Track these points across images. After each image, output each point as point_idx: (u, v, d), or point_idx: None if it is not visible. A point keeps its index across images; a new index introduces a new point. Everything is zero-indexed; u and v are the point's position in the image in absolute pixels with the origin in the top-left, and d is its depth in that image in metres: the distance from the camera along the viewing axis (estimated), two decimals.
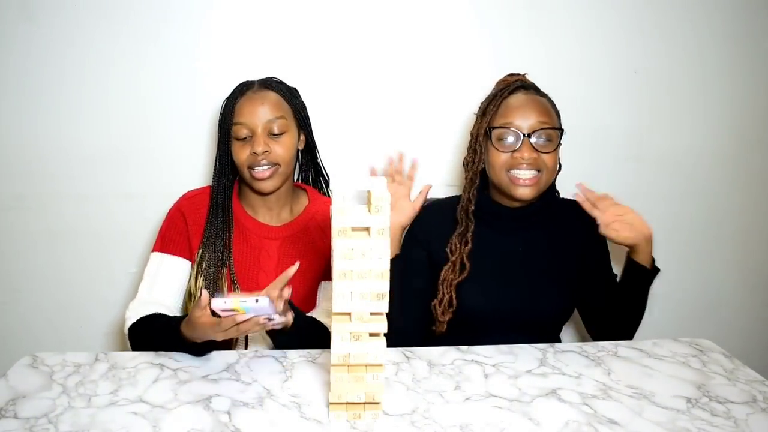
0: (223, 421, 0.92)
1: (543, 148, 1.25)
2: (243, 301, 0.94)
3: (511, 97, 1.30)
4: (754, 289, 1.90)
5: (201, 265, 1.30)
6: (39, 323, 1.72)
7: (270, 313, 1.01)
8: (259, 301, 0.94)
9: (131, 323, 1.23)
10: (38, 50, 1.55)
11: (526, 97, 1.29)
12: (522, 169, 1.25)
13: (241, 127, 1.28)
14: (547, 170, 1.26)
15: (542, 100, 1.30)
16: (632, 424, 0.93)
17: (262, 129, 1.28)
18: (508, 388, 1.03)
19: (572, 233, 1.35)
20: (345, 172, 1.63)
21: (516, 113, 1.27)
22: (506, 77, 1.37)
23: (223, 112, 1.32)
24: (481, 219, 1.34)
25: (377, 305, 0.88)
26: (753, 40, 1.71)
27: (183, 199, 1.38)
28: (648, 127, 1.74)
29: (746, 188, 1.82)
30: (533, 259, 1.33)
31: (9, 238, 1.67)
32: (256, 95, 1.30)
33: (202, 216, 1.34)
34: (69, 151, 1.62)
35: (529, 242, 1.34)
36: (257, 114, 1.28)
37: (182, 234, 1.33)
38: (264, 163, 1.28)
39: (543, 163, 1.25)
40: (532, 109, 1.27)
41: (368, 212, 0.87)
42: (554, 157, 1.27)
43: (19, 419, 0.92)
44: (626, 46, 1.68)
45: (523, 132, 1.25)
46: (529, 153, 1.25)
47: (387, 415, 0.94)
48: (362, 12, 1.60)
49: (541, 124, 1.26)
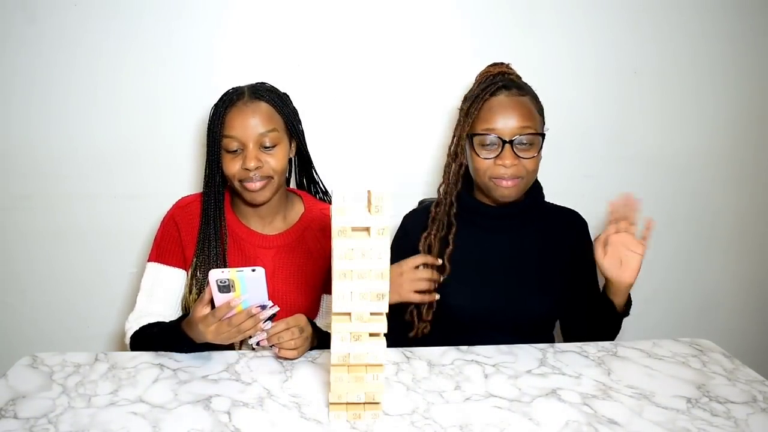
0: (223, 421, 0.92)
1: (525, 153, 1.24)
2: (240, 270, 1.01)
3: (493, 99, 1.26)
4: (754, 289, 1.90)
5: (195, 276, 1.29)
6: (39, 323, 1.72)
7: (264, 294, 1.05)
8: (255, 271, 1.01)
9: (132, 333, 1.24)
10: (40, 51, 1.56)
11: (508, 99, 1.26)
12: (503, 176, 1.25)
13: (231, 140, 1.24)
14: (528, 174, 1.26)
15: (524, 100, 1.26)
16: (632, 424, 0.93)
17: (254, 143, 1.23)
18: (508, 388, 1.03)
19: (562, 239, 1.34)
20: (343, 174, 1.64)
21: (497, 118, 1.25)
22: (488, 68, 1.34)
23: (212, 122, 1.26)
24: (465, 218, 1.33)
25: (377, 305, 0.88)
26: (748, 40, 1.71)
27: (175, 208, 1.35)
28: (644, 127, 1.74)
29: (744, 187, 1.82)
30: (520, 258, 1.32)
31: (9, 238, 1.67)
32: (247, 107, 1.25)
33: (195, 225, 1.32)
34: (72, 151, 1.62)
35: (516, 242, 1.33)
36: (249, 127, 1.23)
37: (176, 243, 1.32)
38: (256, 177, 1.24)
39: (524, 168, 1.24)
40: (513, 113, 1.24)
41: (368, 212, 0.87)
42: (536, 161, 1.25)
43: (19, 419, 0.92)
44: (625, 46, 1.68)
45: (505, 138, 1.23)
46: (510, 160, 1.23)
47: (387, 415, 0.94)
48: (354, 9, 1.60)
49: (523, 130, 1.23)
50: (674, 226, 1.81)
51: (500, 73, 1.31)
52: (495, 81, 1.28)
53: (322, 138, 1.53)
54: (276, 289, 1.31)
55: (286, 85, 1.36)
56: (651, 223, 1.22)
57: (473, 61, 1.41)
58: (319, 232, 1.37)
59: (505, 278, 1.31)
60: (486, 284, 1.30)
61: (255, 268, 1.02)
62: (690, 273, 1.86)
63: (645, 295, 1.84)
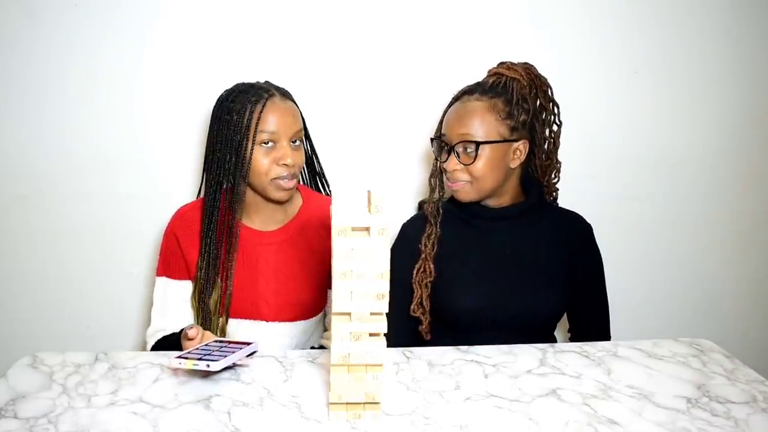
0: (223, 421, 0.92)
1: (465, 160, 1.27)
2: (195, 365, 0.97)
3: (455, 104, 1.31)
4: (754, 289, 1.90)
5: (200, 282, 1.30)
6: (39, 323, 1.72)
7: (240, 357, 1.04)
8: (210, 366, 0.96)
9: (150, 348, 1.30)
10: (39, 50, 1.55)
11: (462, 106, 1.29)
12: (449, 179, 1.30)
13: (269, 135, 1.25)
14: (477, 179, 1.27)
15: (476, 106, 1.27)
16: (632, 424, 0.93)
17: (287, 140, 1.26)
18: (508, 388, 1.03)
19: (563, 241, 1.35)
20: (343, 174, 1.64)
21: (447, 124, 1.31)
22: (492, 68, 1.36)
23: (238, 117, 1.24)
24: (465, 219, 1.35)
25: (377, 305, 0.88)
26: (752, 40, 1.71)
27: (175, 219, 1.36)
28: (647, 128, 1.74)
29: (745, 187, 1.82)
30: (520, 258, 1.32)
31: (9, 237, 1.67)
32: (283, 104, 1.27)
33: (195, 233, 1.32)
34: (70, 151, 1.62)
35: (516, 242, 1.33)
36: (287, 124, 1.26)
37: (178, 256, 1.33)
38: (289, 175, 1.27)
39: (468, 173, 1.27)
40: (458, 120, 1.28)
41: (368, 212, 0.87)
42: (481, 167, 1.26)
43: (19, 419, 0.92)
44: (625, 46, 1.68)
45: (450, 144, 1.28)
46: (452, 166, 1.28)
47: (387, 415, 0.94)
48: (356, 8, 1.60)
49: (461, 137, 1.26)
50: (674, 226, 1.81)
51: (495, 74, 1.33)
52: (466, 88, 1.32)
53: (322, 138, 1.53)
54: (281, 286, 1.32)
55: (287, 85, 1.36)
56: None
57: (476, 62, 1.42)
58: (319, 224, 1.37)
59: (506, 277, 1.31)
60: (487, 284, 1.31)
61: (210, 363, 0.96)
62: (690, 273, 1.85)
63: (645, 295, 1.84)
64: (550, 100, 1.35)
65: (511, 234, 1.33)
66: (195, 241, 1.32)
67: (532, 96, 1.30)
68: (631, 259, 1.79)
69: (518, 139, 1.29)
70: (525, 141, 1.30)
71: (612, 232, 1.50)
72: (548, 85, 1.34)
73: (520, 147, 1.29)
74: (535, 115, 1.31)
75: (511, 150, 1.29)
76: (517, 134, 1.28)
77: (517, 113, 1.28)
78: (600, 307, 1.40)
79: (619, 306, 1.47)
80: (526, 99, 1.29)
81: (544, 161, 1.39)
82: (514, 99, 1.27)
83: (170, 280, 1.35)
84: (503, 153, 1.28)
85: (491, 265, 1.32)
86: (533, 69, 1.33)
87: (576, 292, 1.35)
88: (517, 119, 1.28)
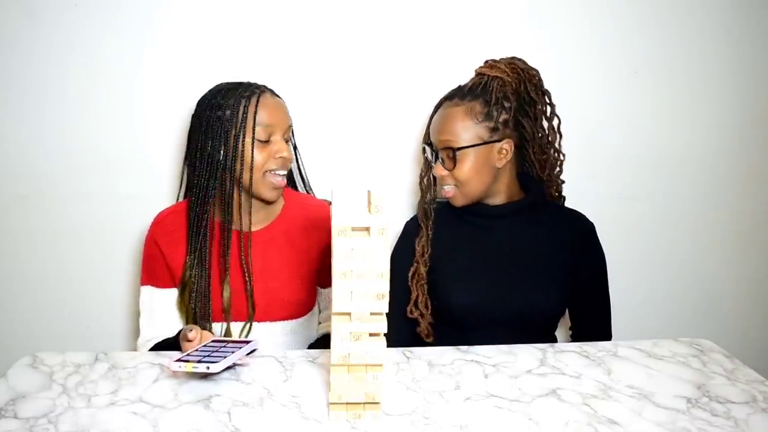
0: (223, 421, 0.92)
1: (448, 166, 1.28)
2: (195, 367, 0.96)
3: (439, 110, 1.32)
4: (754, 289, 1.90)
5: (189, 287, 1.29)
6: (39, 323, 1.72)
7: (240, 356, 1.04)
8: (210, 368, 0.95)
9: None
10: (39, 50, 1.55)
11: (444, 112, 1.30)
12: (440, 186, 1.32)
13: (265, 128, 1.25)
14: (463, 184, 1.28)
15: (455, 111, 1.28)
16: (632, 424, 0.93)
17: (282, 134, 1.28)
18: (508, 388, 1.03)
19: (565, 239, 1.35)
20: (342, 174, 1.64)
21: (433, 129, 1.33)
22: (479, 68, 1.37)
23: (234, 111, 1.24)
24: (465, 218, 1.35)
25: (377, 305, 0.88)
26: (752, 40, 1.71)
27: (154, 225, 1.34)
28: (647, 128, 1.74)
29: (745, 187, 1.82)
30: (520, 256, 1.32)
31: (9, 237, 1.67)
32: (275, 100, 1.29)
33: (176, 238, 1.31)
34: (70, 151, 1.62)
35: (515, 239, 1.33)
36: (282, 118, 1.28)
37: (161, 263, 1.32)
38: (281, 171, 1.27)
39: (455, 179, 1.28)
40: (439, 127, 1.30)
41: (368, 212, 0.87)
42: (468, 171, 1.27)
43: (19, 419, 0.92)
44: (625, 46, 1.67)
45: (437, 150, 1.30)
46: (439, 171, 1.30)
47: (387, 415, 0.94)
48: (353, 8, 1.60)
49: (443, 144, 1.28)
50: (674, 226, 1.81)
51: (479, 74, 1.33)
52: (447, 93, 1.34)
53: (322, 138, 1.53)
54: (269, 286, 1.32)
55: (287, 87, 1.36)
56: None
57: (476, 62, 1.41)
58: (303, 223, 1.36)
59: (504, 275, 1.31)
60: (484, 280, 1.31)
61: (209, 366, 0.95)
62: (690, 273, 1.85)
63: (645, 295, 1.84)
64: (539, 90, 1.33)
65: (510, 232, 1.33)
66: (178, 247, 1.30)
67: (520, 90, 1.30)
68: (631, 259, 1.79)
69: (500, 139, 1.28)
70: (509, 140, 1.29)
71: (612, 232, 1.50)
72: (537, 76, 1.33)
73: (505, 146, 1.29)
74: (520, 111, 1.30)
75: (495, 150, 1.29)
76: (498, 134, 1.28)
77: (497, 113, 1.27)
78: (602, 307, 1.40)
79: (619, 306, 1.47)
80: (508, 97, 1.28)
81: (540, 155, 1.37)
82: (493, 99, 1.27)
83: (155, 288, 1.33)
84: (486, 155, 1.28)
85: (488, 263, 1.32)
86: (519, 62, 1.32)
87: (578, 292, 1.35)
88: (497, 120, 1.28)
